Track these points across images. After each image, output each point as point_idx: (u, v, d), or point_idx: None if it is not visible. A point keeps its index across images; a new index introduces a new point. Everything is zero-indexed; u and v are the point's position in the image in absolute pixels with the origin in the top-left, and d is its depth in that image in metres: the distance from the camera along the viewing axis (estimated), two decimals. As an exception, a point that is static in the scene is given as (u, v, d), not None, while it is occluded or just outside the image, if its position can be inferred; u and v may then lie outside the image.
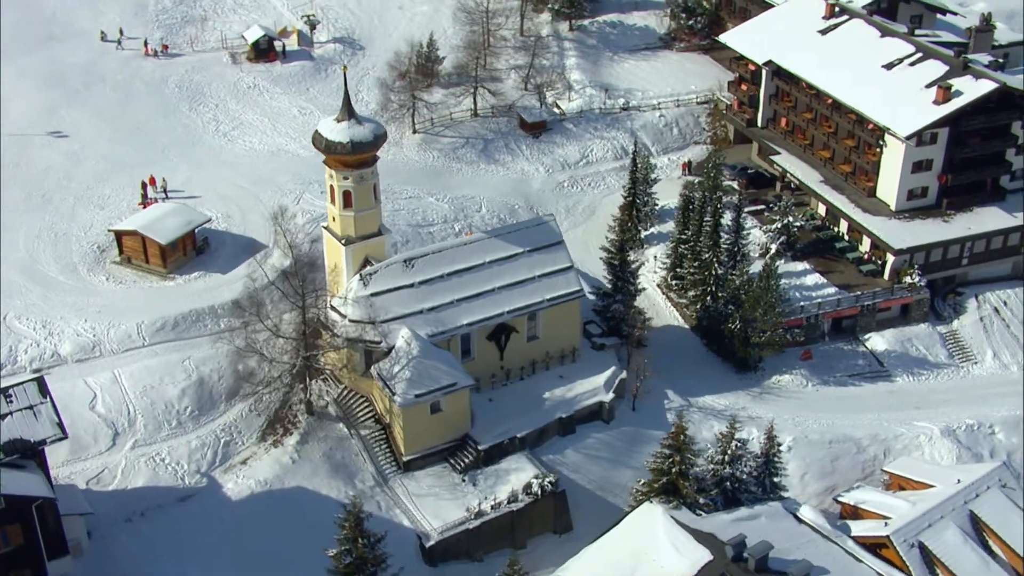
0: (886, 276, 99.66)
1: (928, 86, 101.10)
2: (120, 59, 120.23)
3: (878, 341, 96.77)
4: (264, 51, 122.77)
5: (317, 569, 64.22)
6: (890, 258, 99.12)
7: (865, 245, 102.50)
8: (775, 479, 77.51)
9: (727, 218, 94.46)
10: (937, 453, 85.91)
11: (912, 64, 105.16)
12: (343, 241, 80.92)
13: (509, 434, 79.47)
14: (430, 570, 72.75)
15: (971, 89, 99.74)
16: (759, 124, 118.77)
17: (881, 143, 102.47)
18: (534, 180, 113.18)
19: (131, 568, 67.75)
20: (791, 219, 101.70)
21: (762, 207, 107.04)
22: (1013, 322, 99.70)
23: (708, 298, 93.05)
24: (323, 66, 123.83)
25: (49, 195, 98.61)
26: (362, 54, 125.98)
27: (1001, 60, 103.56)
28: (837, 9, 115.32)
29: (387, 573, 64.38)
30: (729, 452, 74.23)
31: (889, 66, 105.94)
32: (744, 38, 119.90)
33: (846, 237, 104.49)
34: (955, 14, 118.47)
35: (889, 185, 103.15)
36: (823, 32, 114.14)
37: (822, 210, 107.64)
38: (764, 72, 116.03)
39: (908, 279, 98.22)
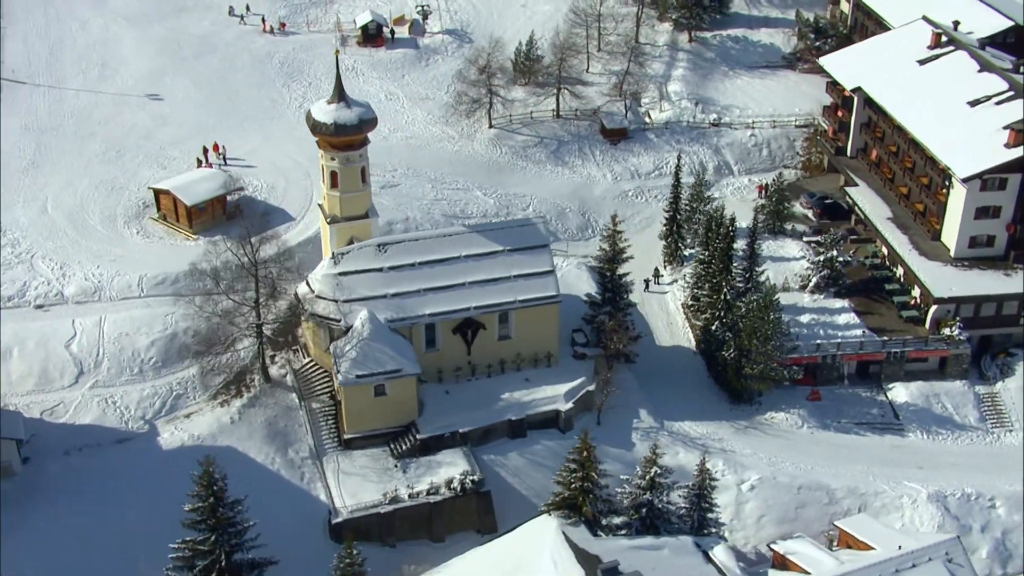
0: (927, 325, 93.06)
1: (1006, 127, 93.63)
2: (238, 33, 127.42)
3: (901, 392, 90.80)
4: (372, 36, 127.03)
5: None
6: (933, 306, 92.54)
7: (916, 291, 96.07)
8: (708, 515, 74.45)
9: (742, 243, 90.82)
10: (918, 518, 80.00)
11: (999, 103, 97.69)
12: (328, 220, 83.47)
13: (452, 428, 79.83)
14: (335, 546, 73.79)
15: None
16: (848, 153, 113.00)
17: (948, 184, 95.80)
18: (598, 186, 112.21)
19: (52, 496, 72.60)
20: (835, 253, 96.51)
21: (817, 239, 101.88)
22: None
23: (717, 323, 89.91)
24: (426, 55, 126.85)
25: (123, 151, 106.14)
26: (469, 47, 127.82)
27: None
28: (944, 39, 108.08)
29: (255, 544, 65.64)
30: (648, 478, 71.80)
31: (975, 103, 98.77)
32: (843, 62, 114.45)
33: (901, 280, 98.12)
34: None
35: (951, 230, 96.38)
36: (922, 62, 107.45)
37: (886, 249, 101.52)
38: (856, 99, 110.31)
39: (947, 331, 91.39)
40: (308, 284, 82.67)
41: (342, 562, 63.24)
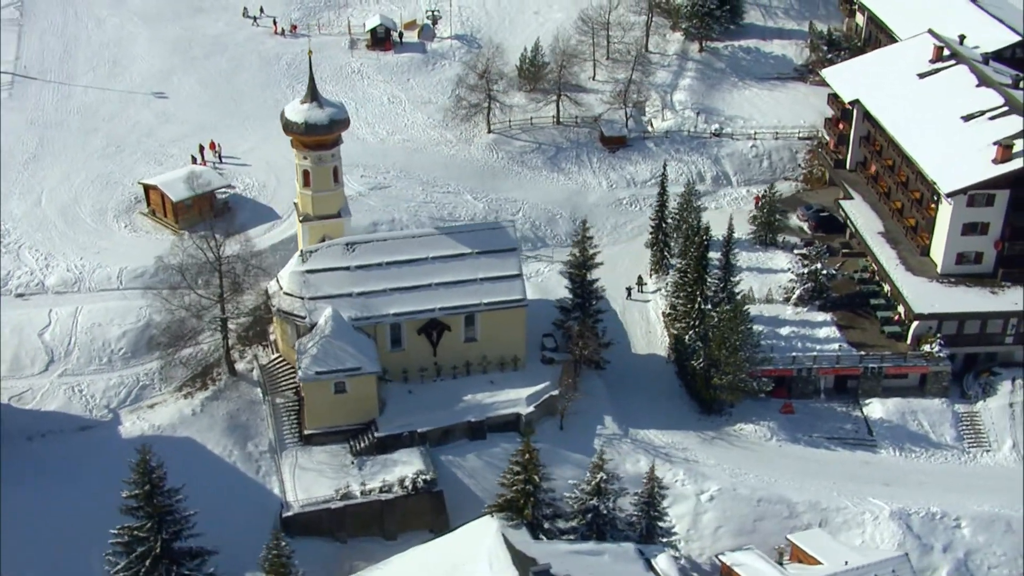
0: (908, 341, 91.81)
1: (995, 143, 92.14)
2: (249, 34, 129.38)
3: (877, 408, 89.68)
4: (381, 40, 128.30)
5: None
6: (914, 322, 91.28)
7: (901, 307, 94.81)
8: (659, 523, 74.15)
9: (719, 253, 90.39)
10: (879, 535, 78.86)
11: (992, 118, 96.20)
12: (301, 218, 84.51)
13: (411, 427, 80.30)
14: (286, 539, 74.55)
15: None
16: (848, 166, 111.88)
17: (936, 199, 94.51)
18: (593, 193, 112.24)
19: (13, 481, 74.08)
20: (820, 266, 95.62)
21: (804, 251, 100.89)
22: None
23: (690, 332, 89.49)
24: (433, 60, 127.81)
25: (124, 147, 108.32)
26: (477, 53, 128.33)
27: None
28: (946, 53, 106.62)
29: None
30: (594, 484, 71.70)
31: (968, 118, 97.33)
32: (845, 74, 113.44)
33: (888, 295, 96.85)
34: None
35: (939, 245, 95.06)
36: (922, 75, 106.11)
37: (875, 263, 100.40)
38: (855, 112, 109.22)
39: (927, 347, 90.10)
40: (277, 281, 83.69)
41: (270, 553, 63.73)
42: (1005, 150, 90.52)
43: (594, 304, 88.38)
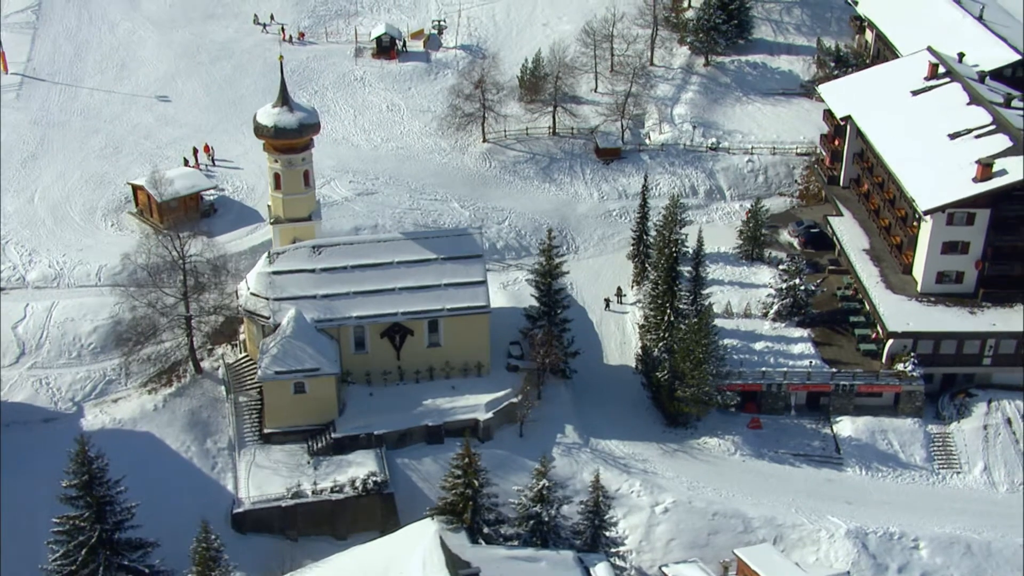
0: (883, 359, 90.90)
1: (978, 161, 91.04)
2: (257, 41, 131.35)
3: (847, 426, 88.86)
4: (386, 48, 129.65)
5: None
6: (889, 341, 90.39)
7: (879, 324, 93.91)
8: (605, 532, 74.12)
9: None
10: (834, 553, 78.08)
11: (978, 136, 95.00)
12: (272, 220, 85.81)
13: (368, 429, 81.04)
14: (235, 536, 75.65)
15: (1017, 171, 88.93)
16: (841, 182, 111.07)
17: (918, 217, 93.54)
18: (582, 204, 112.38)
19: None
20: (798, 282, 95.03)
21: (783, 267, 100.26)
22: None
23: (659, 344, 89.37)
24: (436, 69, 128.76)
25: (120, 148, 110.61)
26: (471, 63, 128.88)
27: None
28: (942, 70, 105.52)
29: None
30: (535, 490, 71.84)
31: (955, 135, 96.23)
32: (840, 90, 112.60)
33: (868, 313, 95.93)
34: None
35: (919, 264, 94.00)
36: (915, 93, 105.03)
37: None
38: (848, 128, 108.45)
39: (900, 366, 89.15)
40: (246, 281, 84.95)
41: (199, 545, 64.63)
42: (985, 168, 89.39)
43: (559, 313, 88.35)
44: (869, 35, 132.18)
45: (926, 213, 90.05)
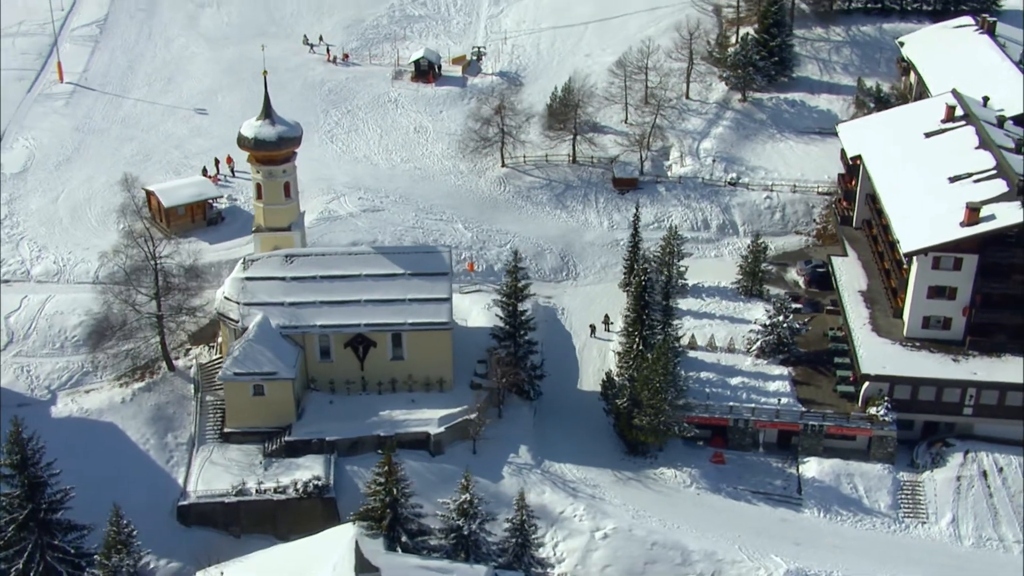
0: (859, 402, 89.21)
1: (967, 205, 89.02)
2: (303, 61, 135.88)
3: (813, 467, 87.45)
4: (424, 72, 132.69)
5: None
6: (865, 383, 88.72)
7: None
8: (531, 551, 74.52)
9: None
10: (769, 593, 76.94)
11: (977, 181, 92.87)
12: (253, 229, 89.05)
13: (320, 435, 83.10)
14: (180, 528, 78.45)
15: (1006, 217, 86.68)
16: (854, 223, 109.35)
17: (908, 260, 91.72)
18: (591, 232, 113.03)
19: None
20: (782, 319, 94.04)
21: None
22: (999, 492, 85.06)
23: (626, 372, 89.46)
24: (470, 94, 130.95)
25: (150, 156, 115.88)
26: (516, 90, 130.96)
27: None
28: (959, 112, 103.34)
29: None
30: (457, 504, 72.76)
31: (955, 179, 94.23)
32: (857, 131, 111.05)
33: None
34: None
35: (907, 308, 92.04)
36: (929, 135, 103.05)
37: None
38: (861, 168, 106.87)
39: (872, 410, 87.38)
40: (224, 286, 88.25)
41: (111, 529, 67.23)
42: (972, 212, 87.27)
43: (524, 335, 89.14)
44: (913, 77, 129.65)
45: (908, 255, 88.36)
